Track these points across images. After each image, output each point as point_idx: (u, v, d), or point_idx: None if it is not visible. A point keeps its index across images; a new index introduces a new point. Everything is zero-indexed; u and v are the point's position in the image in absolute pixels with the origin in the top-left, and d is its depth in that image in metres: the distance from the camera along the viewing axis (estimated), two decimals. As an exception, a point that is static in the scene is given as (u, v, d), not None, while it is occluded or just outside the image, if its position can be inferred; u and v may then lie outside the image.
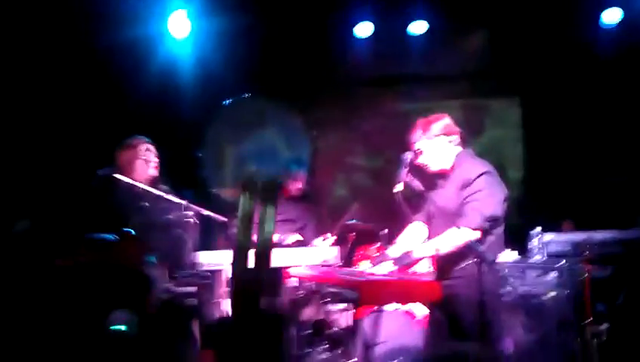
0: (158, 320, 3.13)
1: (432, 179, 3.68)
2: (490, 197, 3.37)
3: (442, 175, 3.61)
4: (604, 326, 3.89)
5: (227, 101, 5.99)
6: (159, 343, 3.09)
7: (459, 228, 3.34)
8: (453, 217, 3.43)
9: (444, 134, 3.56)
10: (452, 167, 3.59)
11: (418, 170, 3.68)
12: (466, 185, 3.40)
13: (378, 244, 4.71)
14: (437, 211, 3.61)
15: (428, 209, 3.72)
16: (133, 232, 2.56)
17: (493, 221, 3.39)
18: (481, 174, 3.41)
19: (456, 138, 3.60)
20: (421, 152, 3.58)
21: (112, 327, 1.38)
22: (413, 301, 3.53)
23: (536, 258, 4.55)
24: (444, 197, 3.57)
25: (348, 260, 4.79)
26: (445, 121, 3.58)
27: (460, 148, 3.62)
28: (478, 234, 3.32)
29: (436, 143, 3.55)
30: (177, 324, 3.49)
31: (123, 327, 1.38)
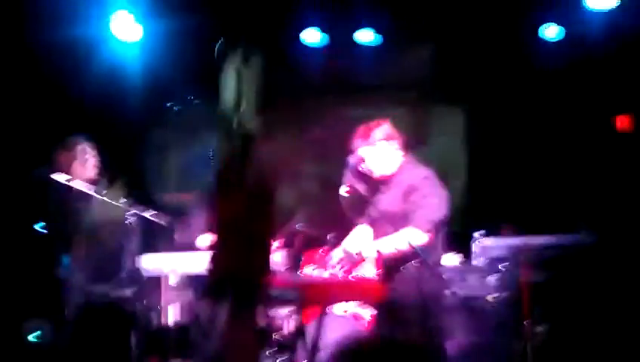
0: (84, 325, 3.05)
1: (375, 184, 3.71)
2: (436, 201, 3.42)
3: (385, 180, 3.65)
4: (539, 329, 3.99)
5: (171, 103, 5.93)
6: (86, 351, 3.01)
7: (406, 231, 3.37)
8: (396, 221, 3.47)
9: (385, 140, 3.60)
10: (395, 173, 3.63)
11: (361, 175, 3.71)
12: (411, 189, 3.45)
13: (323, 249, 4.72)
14: (380, 215, 3.64)
15: (370, 213, 3.75)
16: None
17: (441, 224, 3.45)
18: (425, 178, 3.47)
19: (397, 143, 3.65)
20: (363, 159, 3.61)
21: (28, 336, 1.31)
22: (356, 300, 3.54)
23: (478, 261, 4.66)
24: (387, 201, 3.61)
25: (294, 265, 4.77)
26: (385, 127, 3.62)
27: (401, 154, 3.66)
28: (427, 238, 3.36)
29: (378, 149, 3.59)
30: (111, 330, 3.40)
31: (33, 337, 1.32)
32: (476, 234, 4.76)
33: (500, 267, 4.40)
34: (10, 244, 3.46)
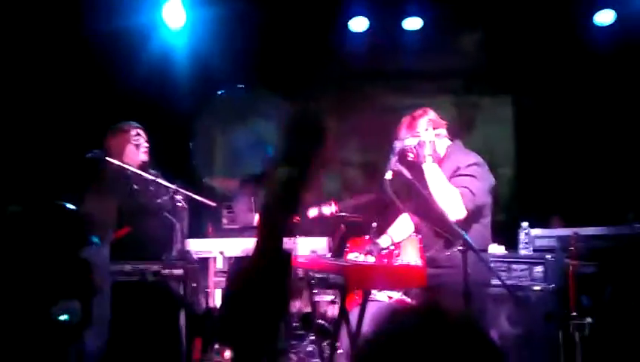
0: (134, 302, 3.13)
1: (422, 172, 3.68)
2: (481, 184, 3.39)
3: None
4: (587, 321, 3.93)
5: (221, 92, 6.02)
6: (136, 327, 3.09)
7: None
8: None
9: (431, 128, 3.58)
10: (442, 159, 3.61)
11: (407, 161, 3.69)
12: (455, 173, 3.43)
13: (368, 237, 4.74)
14: (425, 204, 3.62)
15: (419, 201, 3.73)
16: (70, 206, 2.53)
17: (484, 208, 3.41)
18: (472, 164, 3.44)
19: (443, 131, 3.63)
20: (411, 149, 3.58)
21: (56, 317, 1.37)
22: (399, 286, 3.55)
23: (523, 252, 4.60)
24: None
25: (337, 252, 4.81)
26: (430, 116, 3.59)
27: (448, 141, 3.64)
28: (465, 213, 3.32)
29: (425, 138, 3.56)
30: (162, 307, 3.50)
31: (65, 317, 1.37)
32: (524, 224, 4.71)
33: (547, 257, 4.33)
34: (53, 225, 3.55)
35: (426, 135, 3.55)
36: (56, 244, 1.57)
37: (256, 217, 4.78)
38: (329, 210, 4.87)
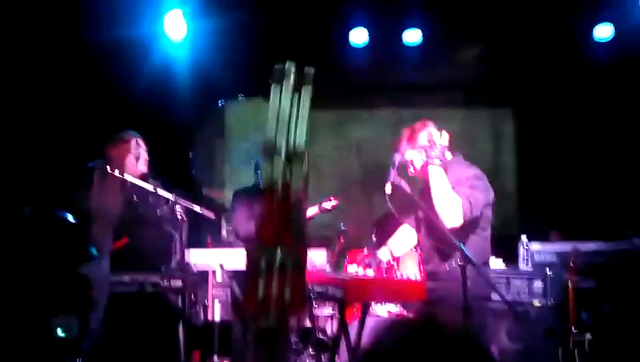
0: (133, 313, 3.12)
1: (423, 185, 3.65)
2: (476, 195, 3.37)
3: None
4: (587, 336, 3.91)
5: (221, 102, 6.04)
6: (134, 338, 3.07)
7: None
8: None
9: (431, 142, 3.54)
10: (444, 170, 3.59)
11: (407, 175, 3.68)
12: (457, 184, 3.40)
13: (366, 249, 4.74)
14: (426, 218, 3.60)
15: (418, 215, 3.71)
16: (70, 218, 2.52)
17: (482, 220, 3.39)
18: (472, 176, 3.42)
19: (443, 144, 3.60)
20: (411, 162, 3.56)
21: (55, 333, 1.35)
22: (399, 299, 3.53)
23: (523, 267, 4.59)
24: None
25: (336, 264, 4.80)
26: (430, 129, 3.56)
27: (449, 154, 3.61)
28: (461, 221, 3.29)
29: (425, 152, 3.52)
30: (160, 319, 3.48)
31: (61, 333, 1.35)
32: (523, 238, 4.70)
33: (546, 272, 4.33)
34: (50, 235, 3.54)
35: (427, 148, 3.52)
36: (58, 259, 1.56)
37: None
38: (329, 204, 4.88)
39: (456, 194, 3.31)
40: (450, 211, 3.27)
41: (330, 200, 4.89)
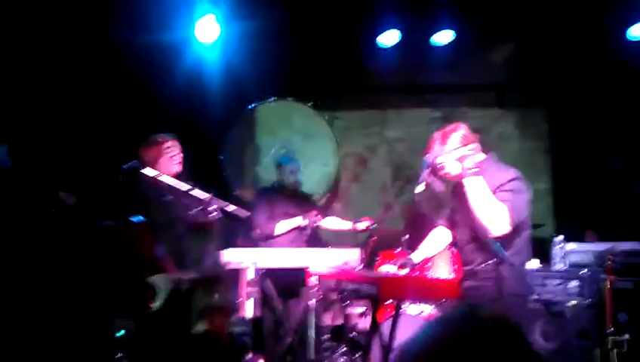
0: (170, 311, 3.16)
1: (458, 187, 3.62)
2: (518, 198, 3.32)
3: None
4: (625, 337, 3.85)
5: (253, 105, 6.09)
6: (170, 337, 3.12)
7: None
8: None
9: (463, 145, 3.50)
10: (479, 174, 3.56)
11: (439, 175, 3.65)
12: (497, 189, 3.34)
13: (399, 249, 4.73)
14: (462, 218, 3.56)
15: (452, 216, 3.68)
16: (143, 220, 2.58)
17: (523, 225, 3.34)
18: (512, 179, 3.37)
19: (476, 145, 3.56)
20: (443, 166, 3.53)
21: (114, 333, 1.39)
22: (432, 298, 3.51)
23: (558, 266, 4.54)
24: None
25: (369, 264, 4.80)
26: (462, 131, 3.52)
27: (482, 155, 3.57)
28: (508, 230, 3.24)
29: (457, 155, 3.49)
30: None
31: (121, 333, 1.39)
32: (558, 239, 4.64)
33: (582, 272, 4.27)
34: (97, 239, 3.62)
35: (460, 151, 3.47)
36: (134, 267, 1.60)
37: (277, 227, 4.83)
38: (363, 225, 4.89)
39: (499, 201, 3.25)
40: (497, 220, 3.20)
41: (365, 221, 4.91)
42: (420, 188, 3.55)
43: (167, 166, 4.04)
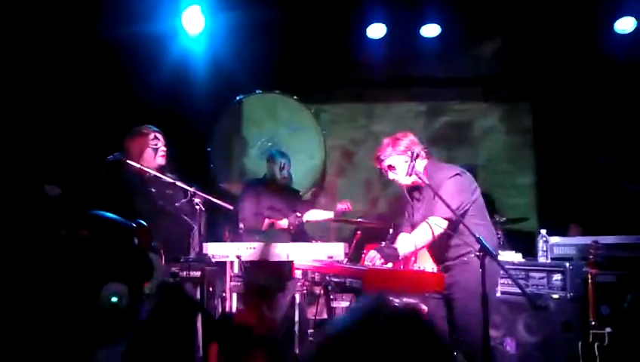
0: (159, 305, 3.14)
1: (411, 192, 3.76)
2: (456, 190, 3.45)
3: (417, 187, 3.70)
4: (607, 330, 3.88)
5: (239, 97, 6.06)
6: (156, 328, 3.09)
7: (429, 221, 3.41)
8: None
9: (405, 151, 3.64)
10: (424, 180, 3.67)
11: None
12: (438, 189, 3.48)
13: (384, 243, 4.72)
14: (420, 220, 3.64)
15: (412, 220, 3.78)
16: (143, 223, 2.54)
17: (461, 211, 3.44)
18: (451, 177, 3.51)
19: (421, 152, 3.67)
20: (393, 168, 3.63)
21: (104, 298, 1.36)
22: (417, 291, 3.54)
23: (541, 260, 4.56)
24: (423, 207, 3.65)
25: (354, 258, 4.80)
26: (411, 137, 3.67)
27: (426, 161, 3.70)
28: (446, 223, 3.41)
29: (405, 158, 3.62)
30: (179, 310, 3.50)
31: (114, 299, 1.36)
32: (542, 232, 4.67)
33: (566, 265, 4.30)
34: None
35: (407, 156, 3.60)
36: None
37: (262, 223, 4.82)
38: (343, 206, 4.93)
39: (423, 228, 3.45)
40: (433, 231, 3.41)
41: (345, 203, 4.96)
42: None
43: (151, 158, 4.01)
